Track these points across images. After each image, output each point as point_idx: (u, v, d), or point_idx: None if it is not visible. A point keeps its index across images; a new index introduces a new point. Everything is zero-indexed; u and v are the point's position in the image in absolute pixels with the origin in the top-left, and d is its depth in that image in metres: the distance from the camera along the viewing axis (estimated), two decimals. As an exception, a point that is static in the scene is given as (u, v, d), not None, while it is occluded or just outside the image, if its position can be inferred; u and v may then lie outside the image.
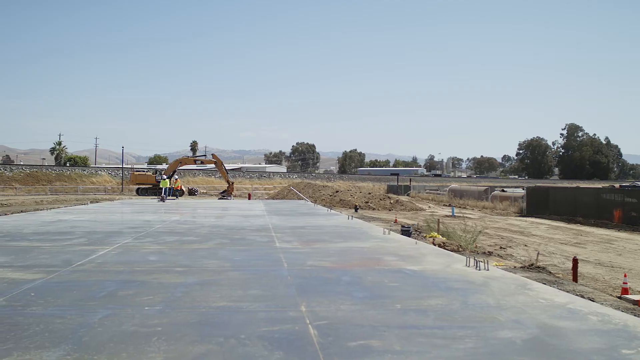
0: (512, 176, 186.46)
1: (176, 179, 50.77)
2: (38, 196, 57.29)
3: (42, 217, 21.08)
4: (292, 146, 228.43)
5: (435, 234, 20.75)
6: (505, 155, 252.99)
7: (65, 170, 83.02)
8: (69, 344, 4.91)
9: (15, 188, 66.88)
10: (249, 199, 52.40)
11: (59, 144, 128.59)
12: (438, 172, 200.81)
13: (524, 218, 35.98)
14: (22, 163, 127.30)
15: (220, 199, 48.98)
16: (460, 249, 16.49)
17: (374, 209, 41.40)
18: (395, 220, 29.30)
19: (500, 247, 19.28)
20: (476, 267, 9.12)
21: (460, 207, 46.13)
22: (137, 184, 62.25)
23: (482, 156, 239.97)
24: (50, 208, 31.23)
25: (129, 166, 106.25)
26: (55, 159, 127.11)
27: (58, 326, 5.50)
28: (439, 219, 25.31)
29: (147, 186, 60.29)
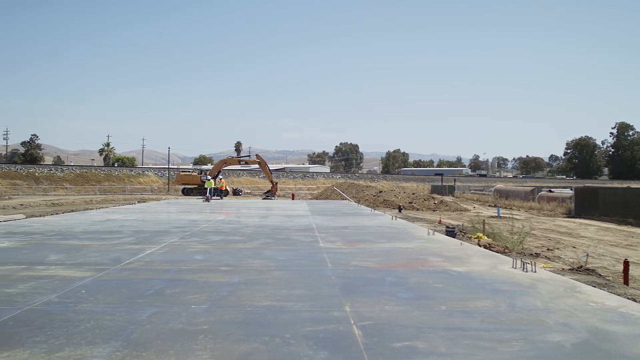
0: (560, 176, 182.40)
1: (220, 179, 51.32)
2: (87, 196, 58.73)
3: (92, 216, 21.60)
4: (336, 146, 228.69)
5: (481, 234, 20.47)
6: (552, 155, 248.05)
7: (113, 170, 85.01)
8: (118, 341, 5.02)
9: (66, 188, 68.74)
10: (293, 199, 52.60)
11: (108, 145, 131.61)
12: (483, 172, 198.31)
13: (572, 219, 35.16)
14: (72, 164, 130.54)
15: (264, 199, 49.34)
16: (506, 250, 16.21)
17: (417, 209, 41.08)
18: (440, 220, 28.99)
19: (548, 249, 18.87)
20: (523, 268, 8.95)
21: (505, 207, 45.39)
22: (182, 184, 63.27)
23: (528, 156, 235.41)
24: (100, 208, 31.93)
25: (175, 167, 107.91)
26: (104, 159, 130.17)
27: (108, 323, 5.63)
28: (484, 220, 24.97)
29: (192, 186, 61.21)
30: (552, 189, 54.25)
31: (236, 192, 64.83)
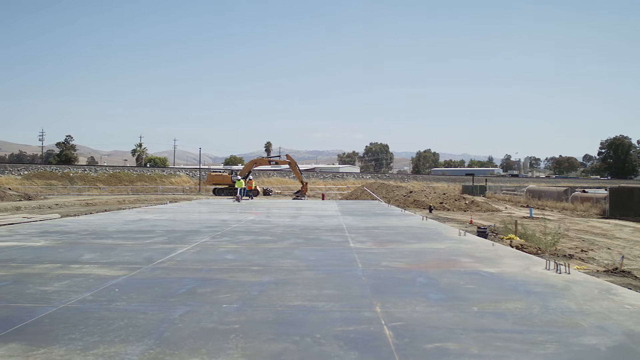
0: (594, 176, 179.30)
1: (250, 180, 51.56)
2: (120, 196, 59.53)
3: (125, 216, 21.91)
4: (366, 146, 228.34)
5: (513, 235, 20.22)
6: (586, 154, 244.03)
7: (145, 170, 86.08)
8: (151, 339, 5.08)
9: (100, 188, 69.83)
10: (323, 199, 52.68)
11: (140, 145, 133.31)
12: (515, 172, 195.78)
13: (607, 220, 34.52)
14: (105, 164, 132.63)
15: (294, 199, 49.50)
16: (539, 251, 16.00)
17: (448, 209, 40.78)
18: (471, 221, 28.74)
19: (582, 250, 18.57)
20: (556, 270, 8.82)
21: (538, 208, 44.79)
22: (213, 184, 63.77)
23: (561, 156, 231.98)
24: (132, 207, 32.37)
25: (206, 167, 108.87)
26: (137, 160, 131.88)
27: (141, 321, 5.70)
28: (516, 220, 24.66)
29: (223, 186, 61.65)
30: (585, 189, 53.40)
31: (266, 192, 65.11)
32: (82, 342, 4.98)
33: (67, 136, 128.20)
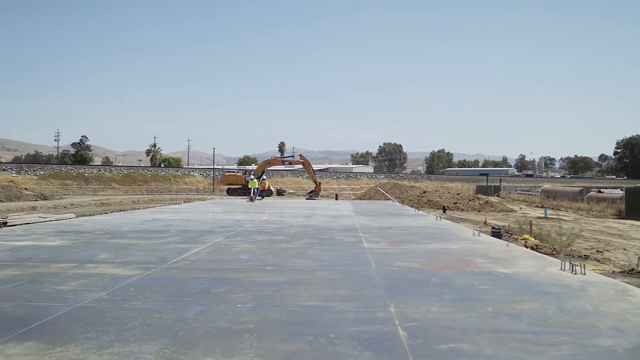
0: (610, 176, 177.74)
1: (263, 180, 51.63)
2: (135, 196, 59.90)
3: (139, 216, 22.04)
4: (379, 146, 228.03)
5: (528, 236, 20.10)
6: (602, 154, 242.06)
7: (160, 171, 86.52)
8: (166, 338, 5.11)
9: (114, 188, 70.28)
10: (336, 199, 52.65)
11: (154, 146, 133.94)
12: (530, 172, 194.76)
13: (623, 220, 34.21)
14: (120, 164, 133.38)
15: (307, 199, 49.54)
16: (554, 252, 15.91)
17: (462, 209, 40.63)
18: (485, 221, 28.63)
19: (597, 251, 18.43)
20: (572, 271, 8.76)
21: (553, 208, 44.50)
22: (227, 184, 63.98)
23: (576, 155, 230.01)
24: (147, 207, 32.57)
25: (220, 167, 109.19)
26: (151, 160, 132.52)
27: (155, 320, 5.73)
28: (531, 221, 24.53)
29: (237, 186, 61.79)
30: (601, 190, 52.99)
31: (280, 192, 65.23)
32: (97, 341, 5.02)
33: (82, 136, 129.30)
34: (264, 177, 54.33)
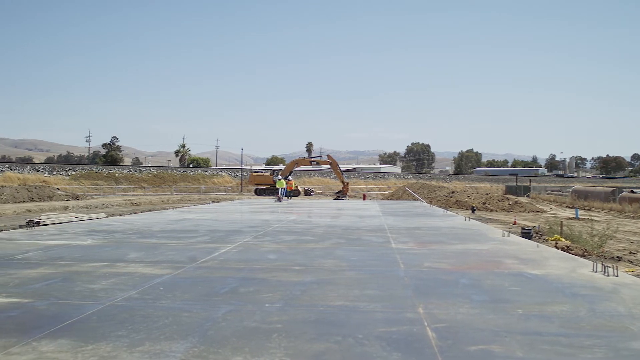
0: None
1: (289, 180, 51.70)
2: (164, 196, 60.51)
3: (169, 215, 22.27)
4: (407, 146, 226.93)
5: (558, 237, 19.81)
6: (634, 154, 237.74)
7: (188, 171, 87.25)
8: (195, 337, 5.15)
9: (144, 188, 71.05)
10: (364, 199, 52.55)
11: (183, 146, 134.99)
12: (560, 172, 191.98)
13: (657, 221, 33.52)
14: (150, 165, 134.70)
15: (335, 199, 49.52)
16: (585, 253, 15.65)
17: (491, 210, 40.22)
18: (515, 222, 28.28)
19: (630, 252, 18.08)
20: (604, 272, 8.61)
21: (584, 209, 43.79)
22: (255, 184, 64.19)
23: (608, 155, 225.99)
24: (176, 207, 32.85)
25: (248, 167, 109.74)
26: (180, 160, 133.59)
27: (185, 319, 5.79)
28: (561, 221, 24.17)
29: (265, 186, 61.98)
30: (634, 190, 51.97)
31: (307, 193, 65.28)
32: (128, 339, 5.08)
33: (112, 137, 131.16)
34: (290, 177, 54.45)
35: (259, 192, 62.35)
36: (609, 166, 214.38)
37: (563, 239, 19.09)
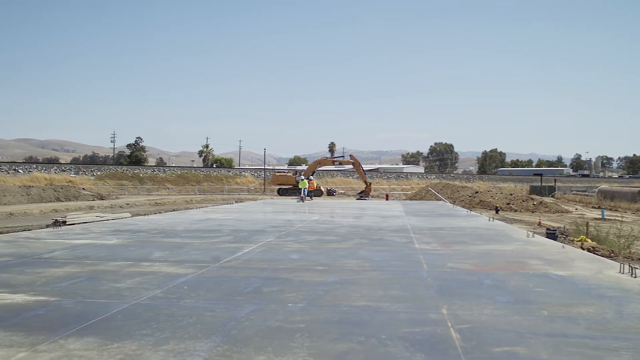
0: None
1: (310, 180, 51.70)
2: (188, 196, 60.97)
3: (192, 215, 22.43)
4: (430, 146, 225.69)
5: (584, 237, 19.56)
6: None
7: (212, 171, 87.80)
8: (219, 336, 5.18)
9: (168, 188, 71.65)
10: (387, 199, 52.40)
11: (207, 146, 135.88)
12: (586, 172, 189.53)
13: (686, 222, 32.95)
14: (173, 165, 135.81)
15: (358, 199, 49.44)
16: (612, 254, 15.44)
17: (515, 210, 39.86)
18: (539, 222, 27.99)
19: (658, 253, 17.82)
20: (631, 274, 8.48)
21: (610, 209, 43.16)
22: (278, 184, 64.33)
23: (635, 155, 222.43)
24: (199, 207, 33.07)
25: (271, 167, 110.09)
26: (203, 160, 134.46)
27: (209, 318, 5.82)
28: (587, 222, 23.88)
29: (287, 186, 62.07)
30: (662, 190, 51.10)
31: (330, 193, 65.30)
32: (153, 337, 5.13)
33: (137, 138, 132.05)
34: (311, 177, 54.48)
35: (281, 192, 62.47)
36: (636, 166, 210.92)
37: (589, 240, 18.85)
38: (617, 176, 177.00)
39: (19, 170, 68.20)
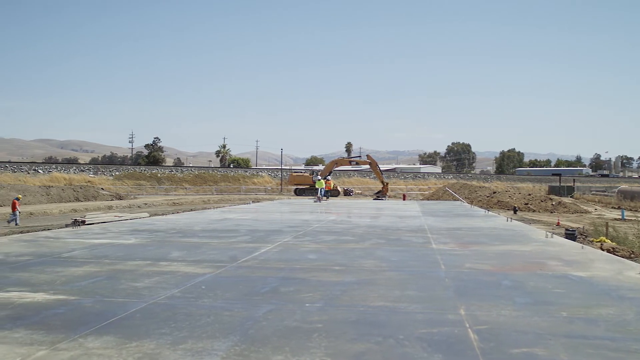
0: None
1: (327, 180, 51.70)
2: (205, 196, 61.25)
3: (210, 215, 22.52)
4: (447, 146, 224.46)
5: (604, 238, 19.40)
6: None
7: (229, 171, 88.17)
8: (236, 336, 5.19)
9: (186, 188, 72.05)
10: (404, 199, 52.26)
11: (224, 147, 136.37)
12: (605, 172, 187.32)
13: None
14: (191, 165, 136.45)
15: (375, 199, 49.35)
16: (632, 255, 15.30)
17: (533, 210, 39.59)
18: (558, 223, 27.78)
19: (680, 254, 17.59)
20: (652, 275, 8.39)
21: (630, 210, 42.68)
22: (295, 184, 64.45)
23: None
24: (217, 207, 33.24)
25: (287, 167, 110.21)
26: (220, 161, 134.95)
27: (226, 318, 5.85)
28: (607, 223, 23.65)
29: (304, 187, 62.13)
30: (683, 190, 50.43)
31: (347, 193, 65.28)
32: (171, 336, 5.16)
33: (154, 138, 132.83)
34: (329, 177, 54.50)
35: (298, 192, 62.55)
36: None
37: (609, 241, 18.69)
38: (637, 176, 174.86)
39: (39, 171, 68.97)
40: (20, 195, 31.54)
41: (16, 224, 26.33)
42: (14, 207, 27.19)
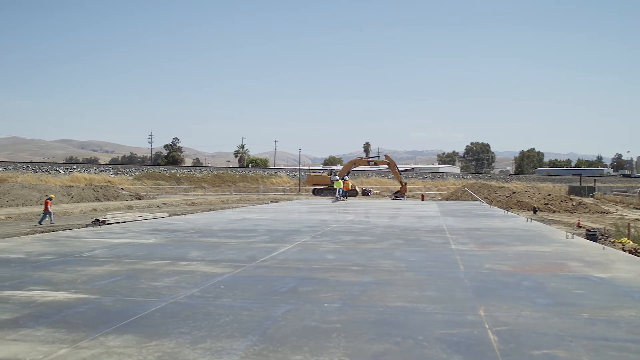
0: None
1: (345, 180, 51.64)
2: (224, 196, 61.44)
3: (228, 215, 22.62)
4: (466, 146, 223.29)
5: (626, 239, 19.16)
6: None
7: (247, 171, 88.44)
8: (255, 335, 5.21)
9: (204, 188, 72.34)
10: (422, 199, 52.02)
11: (242, 147, 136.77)
12: (627, 172, 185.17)
13: None
14: (209, 165, 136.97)
15: (393, 199, 49.22)
16: (654, 256, 15.08)
17: (554, 211, 39.23)
18: (579, 223, 27.50)
19: (703, 256, 17.34)
20: (675, 276, 8.28)
21: (653, 210, 42.16)
22: (313, 184, 64.43)
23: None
24: (235, 207, 33.35)
25: (306, 167, 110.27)
26: (239, 161, 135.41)
27: (245, 318, 5.87)
28: (629, 223, 23.36)
29: (322, 187, 62.11)
30: None
31: (365, 193, 65.13)
32: (190, 336, 5.19)
33: (174, 138, 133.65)
34: (346, 177, 54.45)
35: (316, 192, 62.55)
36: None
37: (630, 242, 18.46)
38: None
39: (60, 171, 69.70)
40: (52, 195, 31.86)
41: (51, 222, 26.66)
42: (46, 207, 27.52)
